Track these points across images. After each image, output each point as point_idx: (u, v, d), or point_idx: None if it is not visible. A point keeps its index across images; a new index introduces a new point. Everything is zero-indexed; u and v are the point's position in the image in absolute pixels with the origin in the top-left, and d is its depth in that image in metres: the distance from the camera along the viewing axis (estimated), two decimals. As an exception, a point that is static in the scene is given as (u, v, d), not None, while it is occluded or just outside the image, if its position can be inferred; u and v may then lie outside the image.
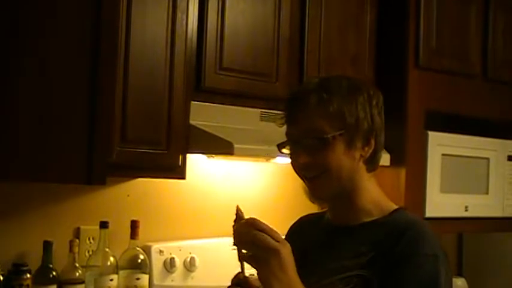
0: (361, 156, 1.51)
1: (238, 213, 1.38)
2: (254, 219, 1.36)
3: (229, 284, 1.45)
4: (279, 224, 2.83)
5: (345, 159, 1.49)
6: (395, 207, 1.56)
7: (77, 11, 1.97)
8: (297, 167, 1.53)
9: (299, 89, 1.60)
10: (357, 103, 1.50)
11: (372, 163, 1.54)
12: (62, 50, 1.94)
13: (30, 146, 1.90)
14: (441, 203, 2.88)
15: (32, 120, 1.90)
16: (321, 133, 1.47)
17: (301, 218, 1.77)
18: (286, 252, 1.34)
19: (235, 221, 1.39)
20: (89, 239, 2.37)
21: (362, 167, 1.53)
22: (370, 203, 1.54)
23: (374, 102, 1.53)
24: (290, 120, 1.53)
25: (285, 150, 1.55)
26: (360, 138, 1.50)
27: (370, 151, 1.52)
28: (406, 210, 1.57)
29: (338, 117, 1.47)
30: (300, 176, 1.55)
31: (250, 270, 1.40)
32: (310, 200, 1.55)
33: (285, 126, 1.54)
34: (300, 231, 1.72)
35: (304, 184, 1.55)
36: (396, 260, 1.42)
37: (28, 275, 2.11)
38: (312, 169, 1.50)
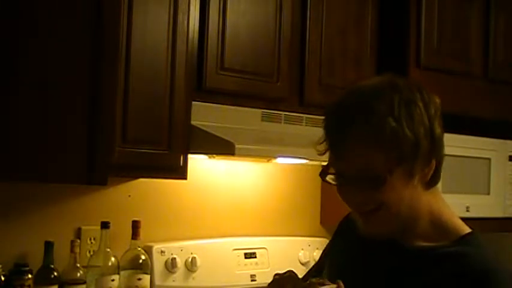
0: (420, 179, 1.28)
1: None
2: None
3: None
4: (280, 224, 2.85)
5: (405, 190, 1.27)
6: (464, 232, 1.34)
7: (78, 11, 1.97)
8: (348, 203, 1.32)
9: (340, 109, 1.28)
10: (413, 120, 1.23)
11: (432, 182, 1.32)
12: (63, 50, 1.94)
13: (31, 146, 1.90)
14: (442, 203, 2.88)
15: (32, 120, 1.90)
16: (375, 171, 1.23)
17: (349, 215, 1.47)
18: None
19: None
20: (90, 239, 2.37)
21: (421, 188, 1.30)
22: (430, 226, 1.33)
23: (432, 112, 1.28)
24: (335, 154, 1.28)
25: (329, 179, 1.30)
26: (420, 162, 1.26)
27: (431, 172, 1.29)
28: (477, 237, 1.33)
29: (394, 144, 1.22)
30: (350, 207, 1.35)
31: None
32: (362, 233, 1.34)
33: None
34: (345, 233, 1.50)
35: (356, 214, 1.34)
36: None
37: (29, 276, 2.11)
38: (366, 206, 1.29)
